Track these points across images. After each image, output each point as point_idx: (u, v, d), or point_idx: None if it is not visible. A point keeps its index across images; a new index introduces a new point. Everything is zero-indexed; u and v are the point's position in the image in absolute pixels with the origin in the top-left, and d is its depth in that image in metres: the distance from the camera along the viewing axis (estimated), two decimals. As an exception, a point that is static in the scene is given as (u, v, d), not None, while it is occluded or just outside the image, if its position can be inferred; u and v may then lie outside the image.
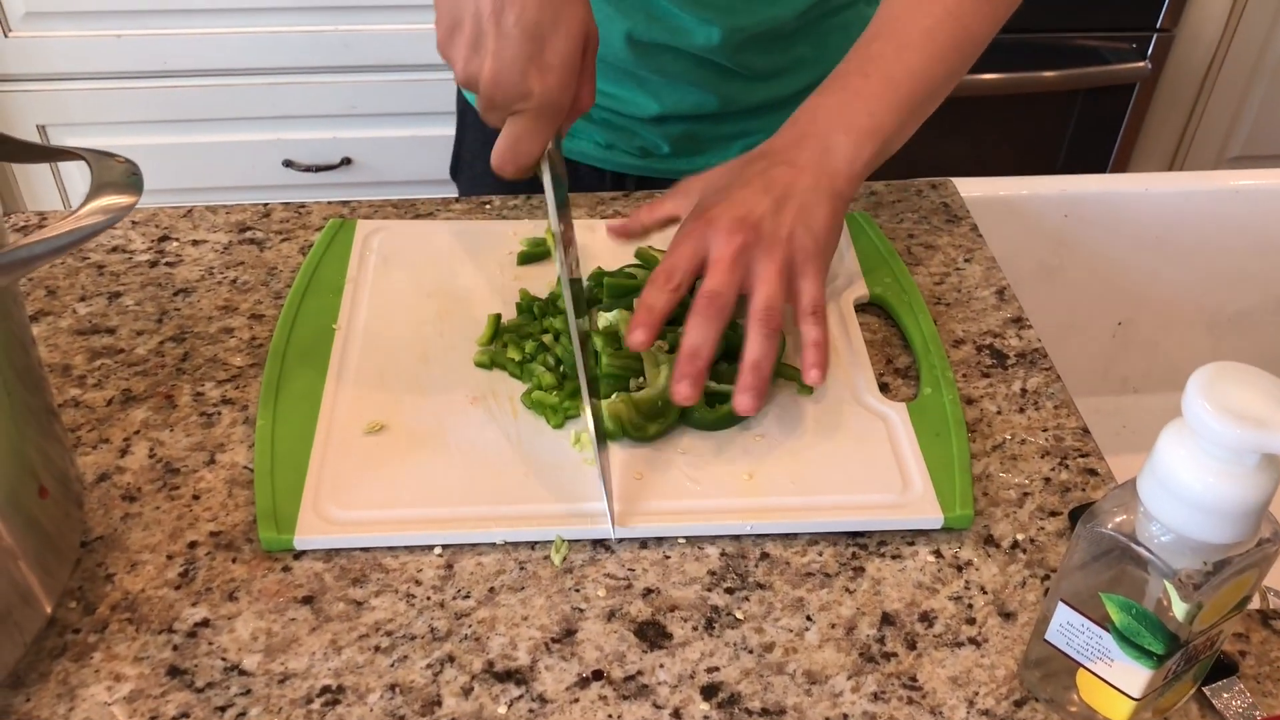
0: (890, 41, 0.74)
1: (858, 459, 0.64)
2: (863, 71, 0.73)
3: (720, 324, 0.64)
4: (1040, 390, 0.72)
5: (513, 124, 0.64)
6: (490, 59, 0.61)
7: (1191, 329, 1.04)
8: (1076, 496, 0.65)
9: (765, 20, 0.88)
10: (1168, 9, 1.99)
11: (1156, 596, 0.47)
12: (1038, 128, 2.12)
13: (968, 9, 0.74)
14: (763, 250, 0.65)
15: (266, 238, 0.81)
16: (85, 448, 0.65)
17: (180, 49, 1.83)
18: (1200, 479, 0.44)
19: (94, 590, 0.57)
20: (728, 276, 0.64)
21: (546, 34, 0.61)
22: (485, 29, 0.61)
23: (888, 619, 0.58)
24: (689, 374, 0.63)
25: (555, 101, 0.63)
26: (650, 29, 0.86)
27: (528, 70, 0.61)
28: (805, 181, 0.68)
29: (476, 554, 0.60)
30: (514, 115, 0.63)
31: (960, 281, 0.81)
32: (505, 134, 0.64)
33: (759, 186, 0.68)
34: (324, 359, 0.69)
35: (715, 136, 0.96)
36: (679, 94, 0.91)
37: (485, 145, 1.02)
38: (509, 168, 0.65)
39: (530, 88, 0.62)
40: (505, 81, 0.61)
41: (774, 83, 0.93)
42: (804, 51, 0.92)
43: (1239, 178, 0.98)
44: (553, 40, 0.61)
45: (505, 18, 0.60)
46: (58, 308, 0.74)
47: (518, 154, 0.65)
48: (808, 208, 0.68)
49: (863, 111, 0.71)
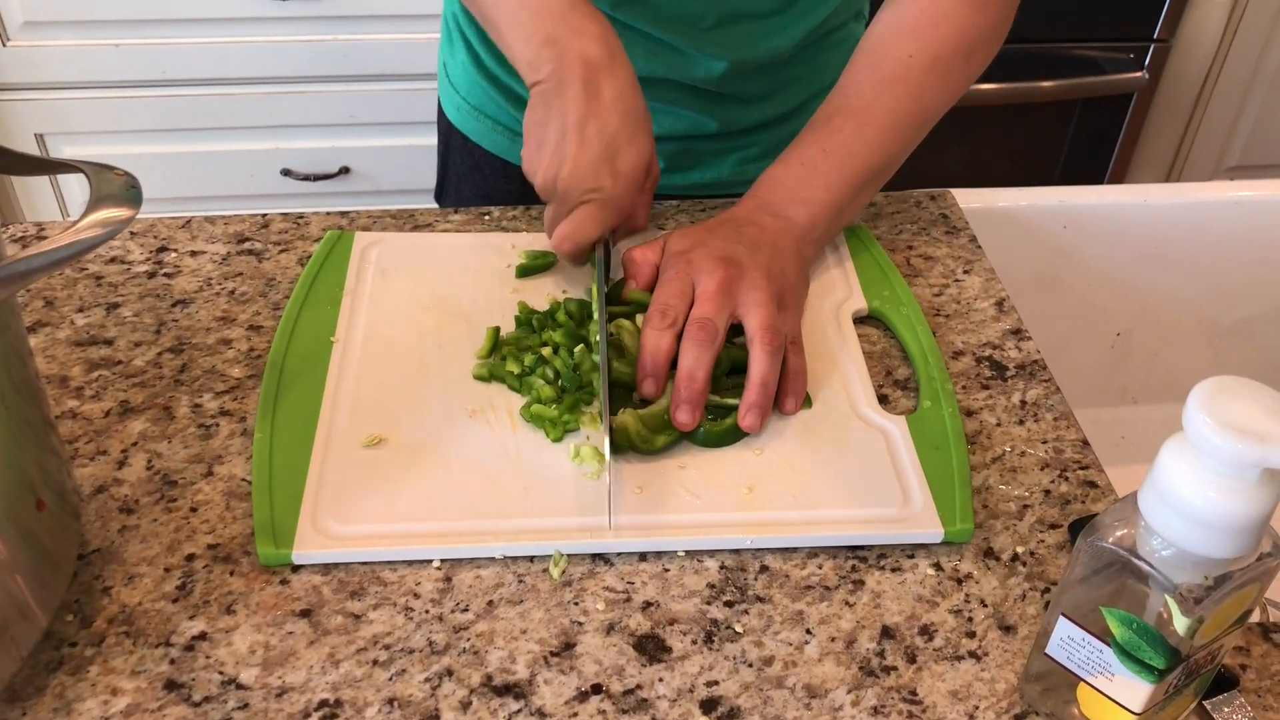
0: (852, 118, 0.77)
1: (857, 473, 0.64)
2: (823, 147, 0.77)
3: (713, 349, 0.66)
4: (1040, 402, 0.72)
5: (579, 210, 0.72)
6: (570, 161, 0.71)
7: (1190, 340, 1.04)
8: (1076, 509, 0.65)
9: (766, 52, 0.89)
10: (1165, 19, 1.99)
11: (1157, 611, 0.47)
12: (1036, 137, 2.12)
13: (929, 88, 0.77)
14: (748, 283, 0.69)
15: (265, 249, 0.81)
16: (83, 459, 0.65)
17: (178, 58, 1.83)
18: (1201, 494, 0.44)
19: (91, 603, 0.57)
20: (717, 304, 0.68)
21: (621, 146, 0.71)
22: (569, 137, 0.70)
23: (888, 632, 0.57)
24: (687, 399, 0.65)
25: (620, 197, 0.72)
26: (650, 64, 0.88)
27: (600, 170, 0.71)
28: (772, 237, 0.73)
29: (475, 567, 0.60)
30: (582, 204, 0.72)
31: (959, 293, 0.81)
32: (571, 218, 0.72)
33: (732, 237, 0.72)
34: (322, 371, 0.69)
35: (711, 152, 0.96)
36: (675, 118, 0.93)
37: (473, 169, 1.03)
38: (567, 245, 0.73)
39: (602, 183, 0.71)
40: (581, 176, 0.71)
41: (769, 103, 0.94)
42: (797, 71, 0.94)
43: (1237, 189, 0.98)
44: (625, 152, 0.71)
45: (588, 128, 0.70)
46: (55, 319, 0.74)
47: (578, 235, 0.72)
48: (779, 256, 0.72)
49: (820, 186, 0.76)
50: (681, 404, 0.65)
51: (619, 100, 0.71)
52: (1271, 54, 2.14)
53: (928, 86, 0.77)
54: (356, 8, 1.81)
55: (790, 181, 0.76)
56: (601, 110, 0.71)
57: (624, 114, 0.71)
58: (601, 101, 0.71)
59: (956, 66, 0.78)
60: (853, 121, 0.77)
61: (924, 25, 0.77)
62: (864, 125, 0.76)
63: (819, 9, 0.90)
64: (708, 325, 0.67)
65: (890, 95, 0.77)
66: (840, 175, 0.76)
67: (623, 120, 0.71)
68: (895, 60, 0.77)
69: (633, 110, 0.72)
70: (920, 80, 0.77)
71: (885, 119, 0.77)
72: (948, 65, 0.77)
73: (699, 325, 0.67)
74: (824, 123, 0.78)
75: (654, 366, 0.67)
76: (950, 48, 0.77)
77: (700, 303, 0.68)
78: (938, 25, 0.77)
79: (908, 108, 0.77)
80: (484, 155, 1.01)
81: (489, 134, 0.99)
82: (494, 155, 1.00)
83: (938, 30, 0.77)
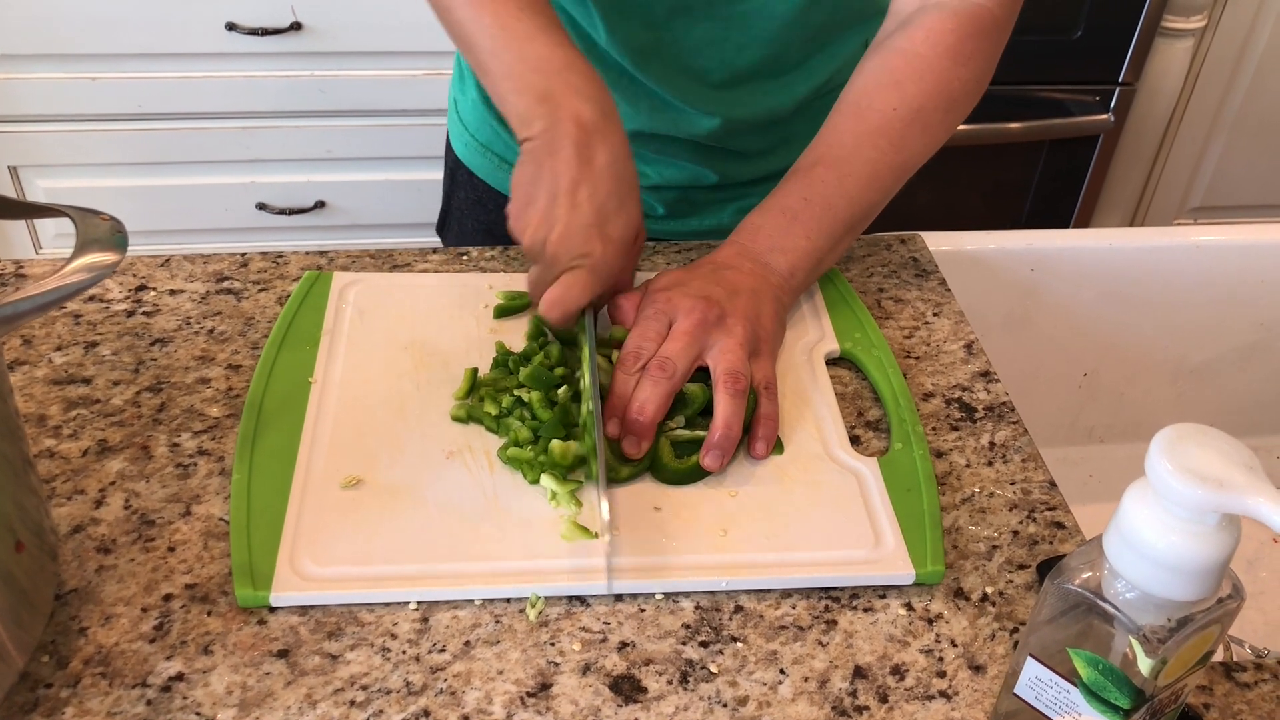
0: (833, 169, 0.78)
1: (831, 514, 0.65)
2: (804, 196, 0.78)
3: (667, 386, 0.68)
4: (1008, 444, 0.73)
5: (567, 276, 0.71)
6: (560, 225, 0.70)
7: (1155, 380, 1.06)
8: (1044, 549, 0.66)
9: (765, 111, 0.91)
10: (1129, 63, 2.04)
11: (1122, 651, 0.48)
12: (1006, 177, 2.16)
13: (911, 140, 0.79)
14: (723, 329, 0.70)
15: (244, 288, 0.81)
16: (60, 499, 0.65)
17: (155, 92, 1.84)
18: (1163, 538, 0.45)
19: (67, 644, 0.57)
20: (684, 344, 0.69)
21: (611, 213, 0.71)
22: (560, 201, 0.70)
23: (860, 672, 0.58)
24: (634, 431, 0.67)
25: (609, 263, 0.72)
26: (654, 120, 0.90)
27: (590, 235, 0.70)
28: (751, 283, 0.74)
29: (452, 608, 0.60)
30: (570, 270, 0.71)
31: (929, 335, 0.82)
32: (559, 283, 0.71)
33: (712, 280, 0.73)
34: (300, 412, 0.69)
35: (710, 201, 0.98)
36: (677, 169, 0.95)
37: (477, 203, 1.04)
38: (556, 311, 0.72)
39: (592, 248, 0.71)
40: (571, 241, 0.70)
41: (769, 158, 0.96)
42: (800, 128, 0.95)
43: (1199, 233, 1.00)
44: (615, 219, 0.71)
45: (580, 193, 0.70)
46: (34, 357, 0.74)
47: (566, 302, 0.71)
48: (757, 302, 0.73)
49: (800, 235, 0.77)
50: (628, 435, 0.67)
51: (611, 166, 0.71)
52: (1233, 97, 2.19)
53: (909, 138, 0.78)
54: (333, 44, 1.83)
55: (771, 229, 0.77)
56: (594, 175, 0.70)
57: (616, 180, 0.71)
58: (594, 167, 0.71)
59: (938, 119, 0.79)
60: (834, 172, 0.78)
61: (908, 78, 0.78)
62: (845, 176, 0.77)
63: (823, 69, 0.91)
64: (666, 365, 0.68)
65: (873, 147, 0.78)
66: (820, 225, 0.77)
67: (614, 186, 0.71)
68: (878, 112, 0.78)
69: (624, 176, 0.72)
70: (903, 132, 0.78)
71: (866, 169, 0.78)
72: (929, 118, 0.79)
73: (658, 364, 0.68)
74: (806, 171, 0.79)
75: (619, 408, 0.68)
76: (933, 101, 0.78)
77: (669, 340, 0.70)
78: (921, 78, 0.78)
79: (889, 159, 0.78)
80: (488, 191, 1.02)
81: (495, 171, 1.00)
82: (498, 192, 1.01)
83: (921, 84, 0.78)
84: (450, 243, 1.11)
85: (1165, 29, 2.03)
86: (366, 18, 1.81)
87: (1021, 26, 0.84)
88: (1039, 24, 1.96)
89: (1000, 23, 0.81)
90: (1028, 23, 1.97)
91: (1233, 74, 2.16)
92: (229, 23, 1.77)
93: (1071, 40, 1.99)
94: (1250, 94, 2.18)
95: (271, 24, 1.79)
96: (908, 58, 0.79)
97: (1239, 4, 2.07)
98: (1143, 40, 2.01)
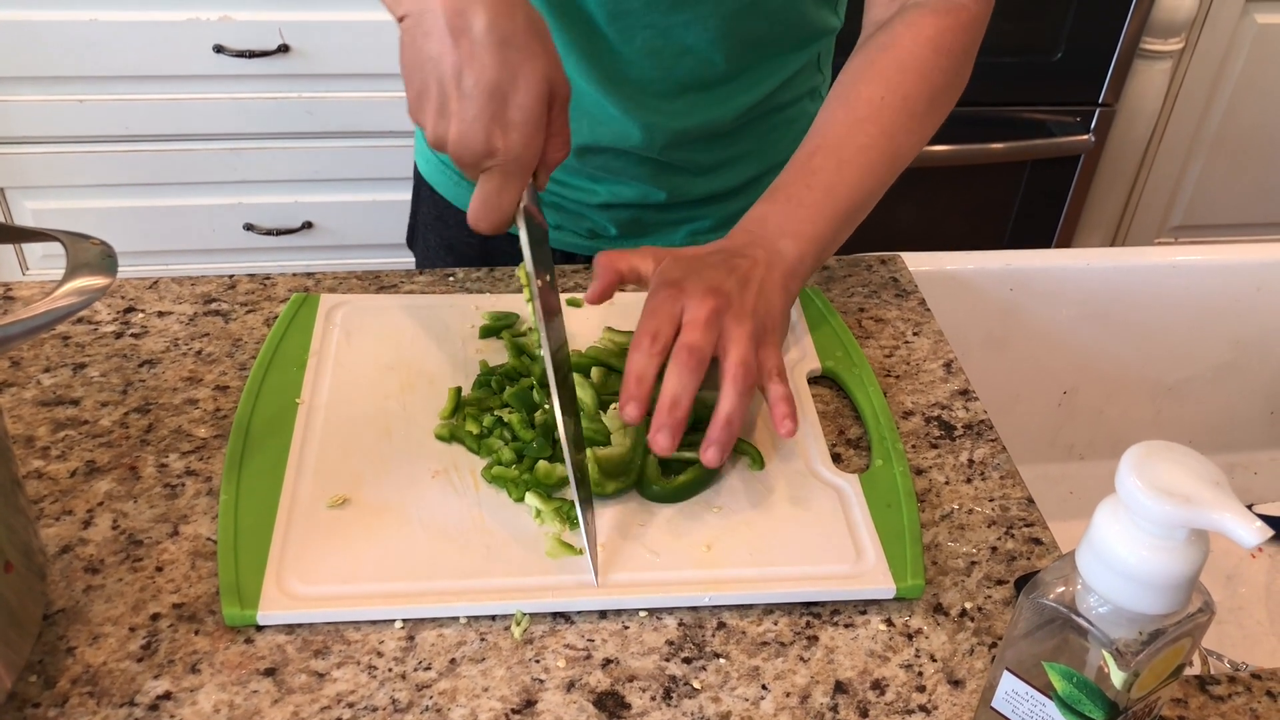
0: (830, 156, 0.79)
1: (812, 530, 0.66)
2: (805, 183, 0.78)
3: (698, 376, 0.65)
4: (987, 461, 0.74)
5: (483, 181, 0.65)
6: (454, 120, 0.63)
7: (1134, 398, 1.08)
8: (1022, 565, 0.67)
9: (702, 123, 0.92)
10: (1109, 84, 2.06)
11: (1096, 665, 0.49)
12: (988, 197, 2.18)
13: (899, 128, 0.80)
14: (733, 317, 0.68)
15: (232, 309, 0.82)
16: (48, 519, 0.65)
17: (142, 114, 1.84)
18: (1134, 553, 0.46)
19: (55, 664, 0.58)
20: (705, 333, 0.66)
21: (507, 92, 0.62)
22: (448, 92, 0.62)
23: (841, 687, 0.59)
24: (668, 424, 0.64)
25: (520, 157, 0.64)
26: (597, 132, 0.91)
27: (490, 129, 0.62)
28: (761, 272, 0.72)
29: (438, 625, 0.61)
30: (484, 173, 0.65)
31: (909, 354, 0.83)
32: (477, 191, 0.66)
33: (723, 269, 0.71)
34: (287, 433, 0.70)
35: (661, 222, 0.99)
36: (625, 187, 0.96)
37: (438, 220, 1.05)
38: (484, 224, 0.66)
39: (495, 145, 0.63)
40: (470, 141, 0.63)
41: (717, 175, 0.97)
42: (747, 146, 0.96)
43: (1176, 253, 1.02)
44: (514, 97, 0.62)
45: (465, 79, 0.62)
46: (22, 379, 0.75)
47: (489, 210, 0.66)
48: (766, 291, 0.71)
49: (805, 220, 0.77)
50: (663, 427, 0.64)
51: (491, 29, 0.61)
52: (1211, 118, 2.22)
53: (898, 126, 0.80)
54: (321, 66, 1.84)
55: (778, 217, 0.77)
56: (475, 52, 0.61)
57: (500, 45, 0.62)
58: (472, 39, 0.61)
59: (923, 108, 0.81)
60: (832, 159, 0.79)
61: (891, 69, 0.81)
62: (843, 163, 0.78)
63: (763, 83, 0.93)
64: (696, 351, 0.65)
65: (864, 133, 0.79)
66: (823, 210, 0.77)
67: (500, 56, 0.62)
68: (865, 102, 0.80)
69: (510, 37, 0.62)
70: (891, 119, 0.80)
71: (861, 156, 0.79)
72: (915, 106, 0.81)
73: (688, 350, 0.65)
74: (804, 161, 0.79)
75: (639, 390, 0.65)
76: (917, 89, 0.81)
77: (689, 329, 0.67)
78: (905, 68, 0.81)
79: (881, 146, 0.79)
80: (448, 207, 1.03)
81: (453, 188, 1.02)
82: (458, 209, 1.02)
83: (905, 73, 0.81)
84: (419, 256, 1.13)
85: (1144, 51, 2.06)
86: (354, 40, 1.82)
87: (1003, 48, 0.86)
88: (1020, 45, 1.98)
89: (978, 18, 0.84)
90: (1009, 44, 1.99)
91: (1211, 94, 2.18)
92: (217, 45, 1.79)
93: (1052, 62, 2.01)
94: (1228, 114, 2.21)
95: (259, 46, 1.80)
96: (891, 51, 0.82)
97: (1216, 26, 2.10)
98: (1122, 62, 2.03)
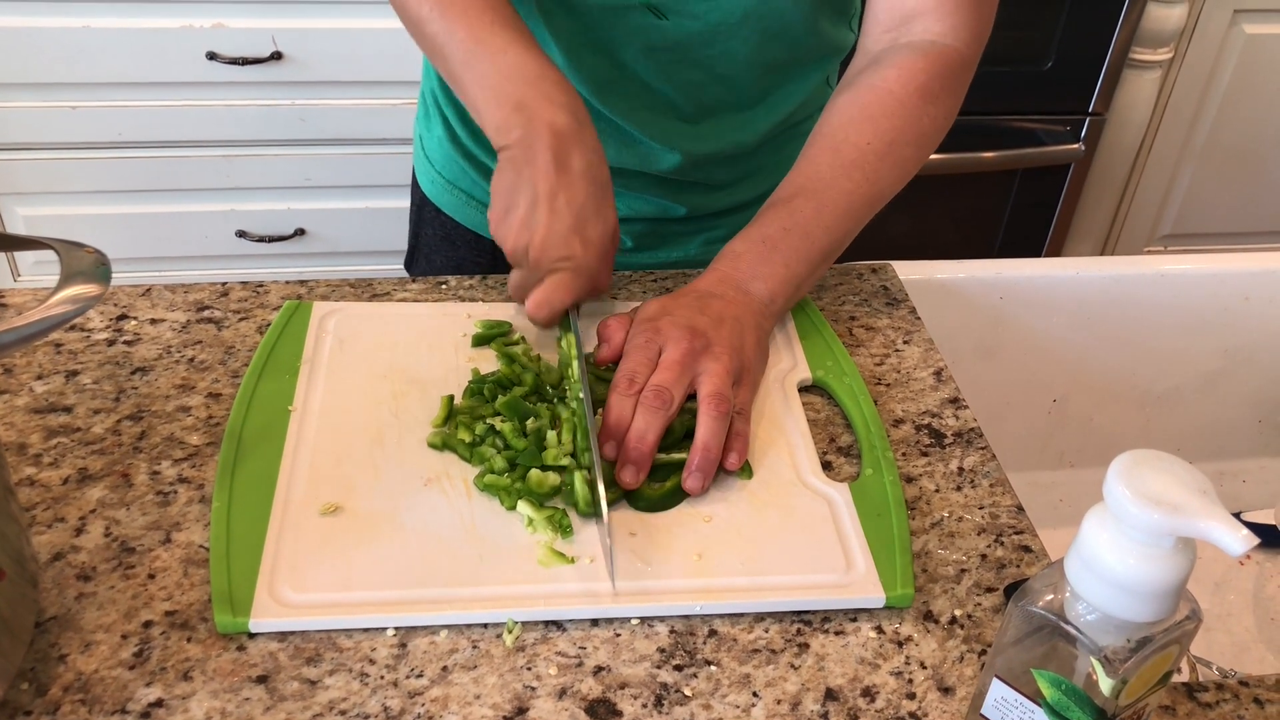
0: (811, 199, 0.80)
1: (803, 539, 0.66)
2: (783, 225, 0.80)
3: (664, 416, 0.69)
4: (977, 469, 0.75)
5: (552, 279, 0.75)
6: (542, 229, 0.74)
7: (1123, 406, 1.08)
8: (1011, 573, 0.67)
9: (729, 145, 0.93)
10: (1099, 94, 2.07)
11: (1085, 672, 0.50)
12: (978, 206, 2.19)
13: (884, 173, 0.81)
14: (711, 356, 0.72)
15: (224, 317, 0.82)
16: (40, 527, 0.65)
17: (135, 121, 1.84)
18: (1121, 560, 0.47)
19: (47, 671, 0.58)
20: (676, 373, 0.70)
21: (589, 217, 0.75)
22: (539, 206, 0.74)
23: (831, 694, 0.59)
24: (633, 460, 0.68)
25: (591, 265, 0.76)
26: (621, 155, 0.92)
27: (571, 239, 0.75)
28: (734, 311, 0.76)
29: (430, 633, 0.61)
30: (553, 273, 0.75)
31: (899, 363, 0.84)
32: (544, 285, 0.76)
33: (696, 309, 0.75)
34: (279, 440, 0.70)
35: (678, 233, 1.00)
36: (644, 203, 0.96)
37: (445, 240, 1.05)
38: (543, 311, 0.76)
39: (574, 251, 0.75)
40: (553, 246, 0.74)
41: (735, 190, 0.98)
42: (764, 161, 0.97)
43: (1164, 262, 1.02)
44: (594, 222, 0.75)
45: (558, 200, 0.74)
46: (14, 386, 0.75)
47: (553, 302, 0.75)
48: (740, 331, 0.75)
49: (779, 263, 0.79)
50: (627, 464, 0.68)
51: (587, 171, 0.75)
52: (1200, 127, 2.23)
53: (883, 172, 0.81)
54: (313, 74, 1.84)
55: (752, 257, 0.79)
56: (571, 182, 0.74)
57: (591, 184, 0.75)
58: (570, 173, 0.74)
59: (909, 154, 0.82)
60: (813, 203, 0.80)
61: (881, 114, 0.81)
62: (823, 207, 0.80)
63: (785, 104, 0.94)
64: (663, 393, 0.69)
65: (848, 179, 0.80)
66: (798, 253, 0.79)
67: (590, 190, 0.75)
68: (854, 146, 0.81)
69: (599, 180, 0.76)
70: (876, 165, 0.80)
71: (843, 201, 0.80)
72: (901, 152, 0.81)
73: (655, 393, 0.69)
74: (785, 202, 0.81)
75: (617, 431, 0.69)
76: (905, 136, 0.81)
77: (660, 370, 0.71)
78: (893, 115, 0.81)
79: (864, 191, 0.80)
80: (456, 228, 1.03)
81: (463, 208, 1.02)
82: (466, 228, 1.02)
83: (893, 119, 0.81)
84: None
85: (1134, 60, 2.07)
86: (347, 47, 1.82)
87: (993, 58, 0.87)
88: (1011, 55, 2.00)
89: (968, 61, 0.83)
90: (1000, 54, 1.99)
91: (1200, 104, 2.20)
92: (210, 52, 1.79)
93: (1042, 71, 2.02)
94: (1217, 124, 2.22)
95: (252, 53, 1.80)
96: (881, 95, 0.81)
97: (1205, 36, 2.11)
98: (1112, 71, 2.05)
